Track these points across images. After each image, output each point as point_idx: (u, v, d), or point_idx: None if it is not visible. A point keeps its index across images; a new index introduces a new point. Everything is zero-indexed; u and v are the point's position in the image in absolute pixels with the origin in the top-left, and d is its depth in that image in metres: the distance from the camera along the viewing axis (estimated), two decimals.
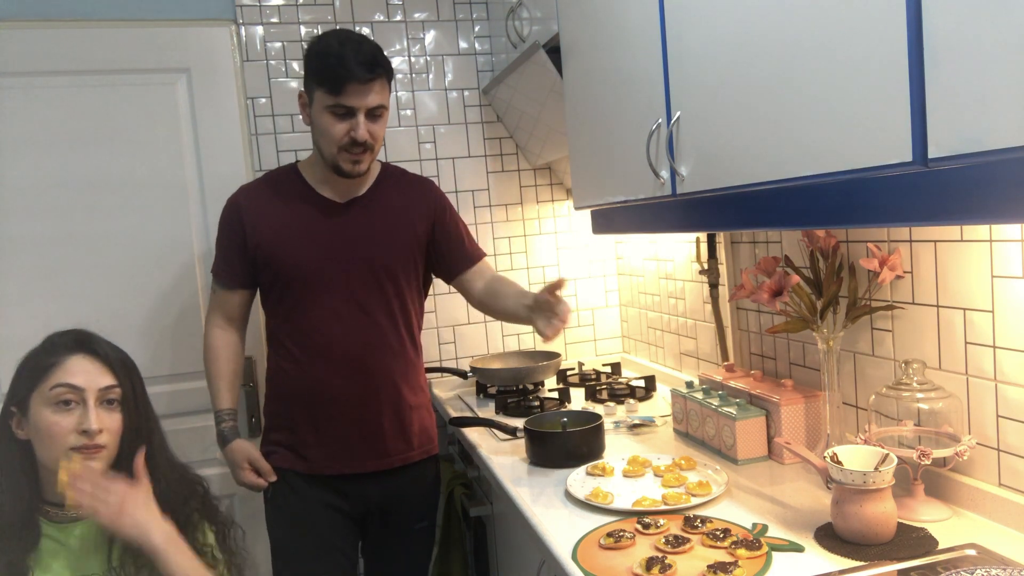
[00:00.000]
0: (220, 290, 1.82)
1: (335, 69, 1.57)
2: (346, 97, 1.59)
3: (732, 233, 1.97)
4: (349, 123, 1.62)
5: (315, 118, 1.65)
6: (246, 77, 2.43)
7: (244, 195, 1.79)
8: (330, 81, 1.58)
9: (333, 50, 1.58)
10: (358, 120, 1.62)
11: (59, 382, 1.26)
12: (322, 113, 1.62)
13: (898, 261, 1.38)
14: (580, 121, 1.81)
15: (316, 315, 1.73)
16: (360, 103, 1.61)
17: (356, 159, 1.66)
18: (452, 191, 2.62)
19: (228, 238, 1.78)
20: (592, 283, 2.77)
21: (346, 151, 1.64)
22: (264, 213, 1.75)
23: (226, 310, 1.82)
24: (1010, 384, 1.21)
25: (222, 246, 1.80)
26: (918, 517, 1.26)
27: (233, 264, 1.78)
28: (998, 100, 0.72)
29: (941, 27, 0.78)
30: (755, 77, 1.10)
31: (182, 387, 2.38)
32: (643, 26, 1.43)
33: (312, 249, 1.72)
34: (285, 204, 1.75)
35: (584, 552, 1.25)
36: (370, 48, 1.61)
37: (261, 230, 1.73)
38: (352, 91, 1.59)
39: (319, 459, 1.77)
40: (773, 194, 1.14)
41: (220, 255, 1.81)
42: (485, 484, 1.96)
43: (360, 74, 1.58)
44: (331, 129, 1.62)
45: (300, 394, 1.77)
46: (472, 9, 2.61)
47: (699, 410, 1.75)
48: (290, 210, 1.75)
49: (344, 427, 1.75)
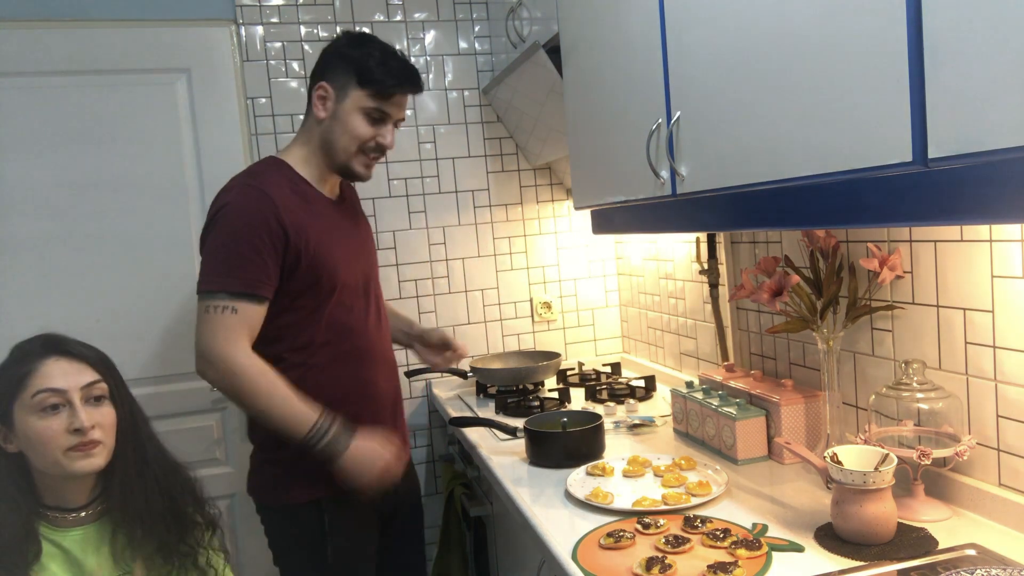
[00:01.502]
0: (251, 306, 1.48)
1: (385, 77, 1.58)
2: (389, 104, 1.60)
3: (732, 233, 1.97)
4: (378, 128, 1.61)
5: (342, 115, 1.59)
6: (246, 77, 2.43)
7: (274, 190, 1.53)
8: (378, 85, 1.57)
9: (379, 58, 1.58)
10: (388, 128, 1.63)
11: (39, 388, 1.23)
12: (354, 112, 1.59)
13: (898, 261, 1.38)
14: (580, 121, 1.81)
15: (355, 318, 1.66)
16: (396, 113, 1.63)
17: (369, 164, 1.65)
18: (452, 191, 2.63)
19: (268, 242, 1.49)
20: (592, 283, 2.77)
21: (364, 154, 1.63)
22: (299, 213, 1.55)
23: (252, 329, 1.50)
24: (1010, 384, 1.21)
25: (257, 252, 1.48)
26: (918, 517, 1.26)
27: (271, 273, 1.51)
28: (998, 100, 0.72)
29: (941, 27, 0.78)
30: (755, 77, 1.10)
31: (182, 387, 2.38)
32: (643, 26, 1.43)
33: (344, 251, 1.65)
34: (307, 203, 1.60)
35: (584, 552, 1.25)
36: (411, 65, 1.64)
37: (304, 233, 1.53)
38: (397, 101, 1.61)
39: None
40: (773, 194, 1.14)
41: (254, 263, 1.48)
42: (485, 484, 1.96)
43: (408, 87, 1.61)
44: (360, 129, 1.59)
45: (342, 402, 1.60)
46: (472, 9, 2.61)
47: (699, 410, 1.75)
48: (314, 210, 1.61)
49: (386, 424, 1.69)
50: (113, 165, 2.32)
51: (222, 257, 1.49)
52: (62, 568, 1.27)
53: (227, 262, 1.48)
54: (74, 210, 2.29)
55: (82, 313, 2.26)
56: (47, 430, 1.23)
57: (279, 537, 1.65)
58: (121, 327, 2.31)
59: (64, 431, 1.24)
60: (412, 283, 2.59)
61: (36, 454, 1.25)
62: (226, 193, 1.55)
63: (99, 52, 2.30)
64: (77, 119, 2.28)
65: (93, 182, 2.30)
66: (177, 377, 2.37)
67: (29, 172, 2.25)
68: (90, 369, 1.29)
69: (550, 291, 2.73)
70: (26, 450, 1.25)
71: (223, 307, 1.47)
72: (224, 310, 1.47)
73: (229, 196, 1.53)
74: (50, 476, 1.26)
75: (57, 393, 1.24)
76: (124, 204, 2.33)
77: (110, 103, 2.31)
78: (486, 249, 2.67)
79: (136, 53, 2.33)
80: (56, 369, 1.26)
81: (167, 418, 2.28)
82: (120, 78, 2.31)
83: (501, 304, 2.69)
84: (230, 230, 1.49)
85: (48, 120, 2.26)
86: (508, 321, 2.70)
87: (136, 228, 2.34)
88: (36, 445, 1.24)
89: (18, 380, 1.24)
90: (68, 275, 2.29)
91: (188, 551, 1.35)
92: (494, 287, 2.68)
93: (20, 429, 1.24)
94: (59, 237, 2.28)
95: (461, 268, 2.64)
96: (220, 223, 1.50)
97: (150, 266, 2.35)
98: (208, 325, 1.48)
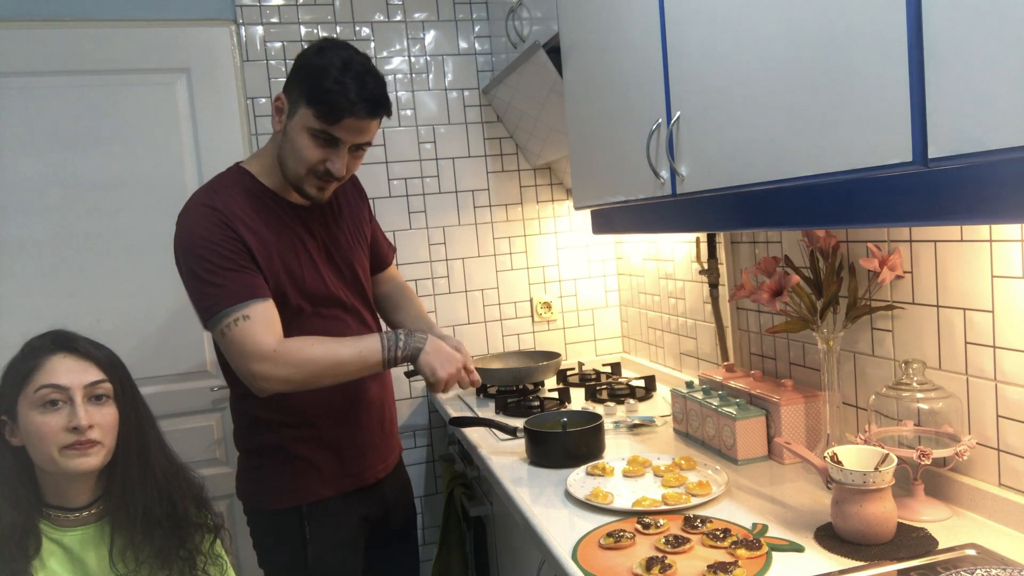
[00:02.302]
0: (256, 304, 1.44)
1: (334, 97, 1.40)
2: (337, 129, 1.43)
3: (732, 233, 1.97)
4: (328, 152, 1.46)
5: (291, 133, 1.47)
6: (246, 77, 2.43)
7: (222, 203, 1.49)
8: (324, 107, 1.41)
9: (334, 74, 1.41)
10: (340, 152, 1.47)
11: (42, 383, 1.24)
12: (302, 132, 1.45)
13: (898, 261, 1.38)
14: (580, 121, 1.81)
15: (338, 326, 1.62)
16: (350, 138, 1.46)
17: (323, 187, 1.52)
18: (452, 191, 2.63)
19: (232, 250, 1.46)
20: (592, 283, 2.77)
21: (315, 177, 1.49)
22: (255, 227, 1.50)
23: (273, 324, 1.46)
24: (1010, 384, 1.21)
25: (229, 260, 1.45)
26: (918, 517, 1.26)
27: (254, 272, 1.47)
28: (998, 100, 0.72)
29: (941, 27, 0.78)
30: (755, 77, 1.10)
31: (182, 387, 2.38)
32: (643, 26, 1.43)
33: (310, 262, 1.58)
34: (266, 216, 1.53)
35: (584, 552, 1.25)
36: (375, 83, 1.45)
37: (261, 247, 1.50)
38: (347, 125, 1.43)
39: (356, 471, 1.66)
40: (773, 194, 1.14)
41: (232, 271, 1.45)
42: (485, 484, 1.96)
43: (361, 112, 1.42)
44: (306, 152, 1.46)
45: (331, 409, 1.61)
46: (472, 9, 2.61)
47: (699, 410, 1.75)
48: (275, 222, 1.54)
49: (373, 431, 1.69)
50: (113, 165, 2.32)
51: (204, 282, 1.45)
52: (62, 566, 1.27)
53: (210, 284, 1.44)
54: (74, 210, 2.29)
55: (82, 313, 2.26)
56: (45, 426, 1.23)
57: (262, 541, 1.65)
58: (121, 327, 2.31)
59: (62, 428, 1.24)
60: (412, 283, 2.59)
61: (34, 449, 1.25)
62: (183, 216, 1.51)
63: (99, 52, 2.30)
64: (77, 119, 2.29)
65: (93, 182, 2.30)
66: (177, 377, 2.38)
67: (29, 172, 2.25)
68: (96, 368, 1.29)
69: (550, 291, 2.73)
70: (27, 444, 1.26)
71: (234, 320, 1.42)
72: (236, 322, 1.42)
73: (185, 220, 1.50)
74: (50, 473, 1.26)
75: (59, 390, 1.25)
76: (124, 204, 2.33)
77: (110, 103, 2.31)
78: (486, 249, 2.67)
79: (136, 53, 2.33)
80: (61, 366, 1.27)
81: (167, 418, 2.28)
82: (120, 78, 2.32)
83: (501, 304, 2.69)
84: (196, 256, 1.45)
85: (48, 120, 2.26)
86: (508, 321, 2.70)
87: (136, 228, 2.34)
88: (34, 440, 1.24)
89: (24, 374, 1.25)
90: (68, 275, 2.29)
91: (187, 556, 1.35)
92: (494, 287, 2.68)
93: (22, 423, 1.25)
94: (59, 237, 2.28)
95: (461, 268, 2.64)
96: (186, 254, 1.47)
97: (150, 266, 2.35)
98: (232, 344, 1.43)
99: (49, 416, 1.24)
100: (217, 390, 2.44)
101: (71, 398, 1.25)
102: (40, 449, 1.24)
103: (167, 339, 2.38)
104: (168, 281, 2.36)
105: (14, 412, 1.26)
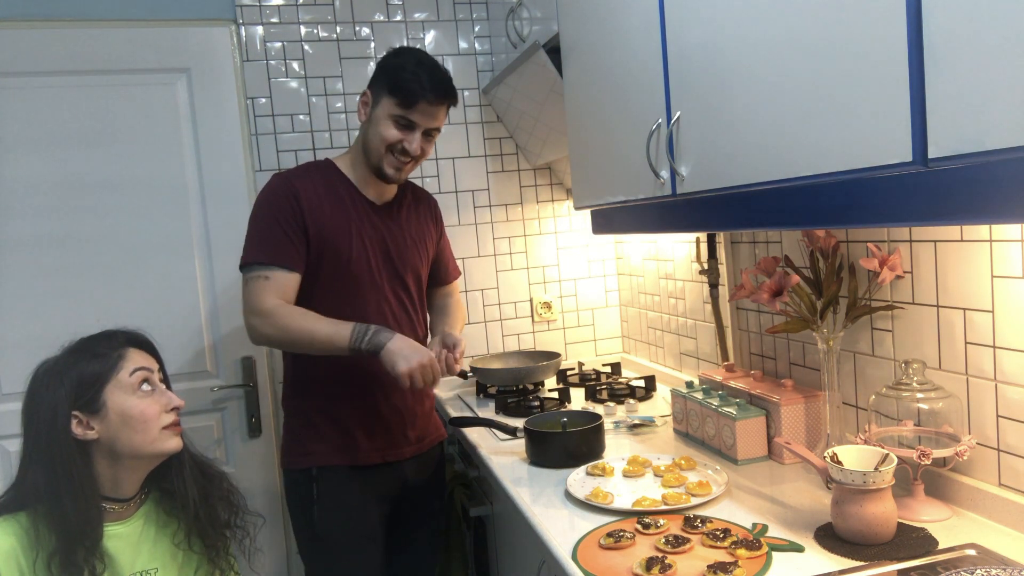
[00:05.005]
0: (280, 271, 1.68)
1: (411, 85, 1.67)
2: (414, 112, 1.70)
3: (732, 233, 1.97)
4: (405, 134, 1.72)
5: (375, 120, 1.73)
6: (246, 77, 2.43)
7: (298, 181, 1.75)
8: (402, 94, 1.68)
9: (410, 68, 1.69)
10: (415, 135, 1.72)
11: (137, 366, 1.31)
12: (384, 118, 1.71)
13: (898, 261, 1.38)
14: (580, 121, 1.81)
15: (370, 308, 1.77)
16: (423, 121, 1.71)
17: (400, 166, 1.75)
18: (452, 191, 2.63)
19: (287, 220, 1.70)
20: (592, 283, 2.77)
21: (393, 155, 1.73)
22: (321, 203, 1.74)
23: (284, 292, 1.69)
24: (1010, 384, 1.21)
25: (280, 227, 1.70)
26: (918, 517, 1.26)
27: (296, 245, 1.71)
28: (998, 100, 0.72)
29: (941, 27, 0.78)
30: (755, 77, 1.10)
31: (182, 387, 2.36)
32: (643, 26, 1.43)
33: (365, 245, 1.77)
34: (337, 198, 1.77)
35: (584, 552, 1.25)
36: (444, 75, 1.72)
37: (321, 219, 1.73)
38: (421, 109, 1.69)
39: (368, 450, 1.79)
40: (773, 194, 1.14)
41: (278, 236, 1.70)
42: (485, 484, 1.96)
43: (432, 97, 1.69)
44: (387, 133, 1.71)
45: (351, 385, 1.78)
46: (472, 9, 2.61)
47: (699, 410, 1.75)
48: (343, 205, 1.77)
49: (391, 415, 1.81)
50: (113, 165, 2.32)
51: (253, 237, 1.73)
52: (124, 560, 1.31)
53: (255, 240, 1.72)
54: (74, 210, 2.29)
55: (82, 313, 2.26)
56: (150, 408, 1.30)
57: (287, 497, 1.86)
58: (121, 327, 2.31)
59: (163, 409, 1.31)
60: None
61: (132, 433, 1.28)
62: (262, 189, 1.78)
63: (99, 52, 2.30)
64: (77, 119, 2.28)
65: (93, 182, 2.30)
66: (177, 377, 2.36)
67: (29, 172, 2.25)
68: (154, 359, 1.38)
69: (550, 291, 2.73)
70: (120, 431, 1.28)
71: (257, 276, 1.68)
72: (258, 278, 1.68)
73: (266, 185, 1.77)
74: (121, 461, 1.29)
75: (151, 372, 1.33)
76: (124, 204, 2.33)
77: (110, 103, 2.31)
78: (486, 249, 2.67)
79: (136, 53, 2.33)
80: (139, 355, 1.35)
81: None
82: (120, 78, 2.32)
83: (501, 304, 2.69)
84: (258, 215, 1.73)
85: (48, 120, 2.26)
86: (508, 321, 2.70)
87: (136, 228, 2.34)
88: (136, 424, 1.28)
89: (113, 363, 1.30)
90: (68, 275, 2.29)
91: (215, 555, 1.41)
92: (494, 287, 2.68)
93: (117, 410, 1.27)
94: (59, 237, 2.28)
95: (461, 268, 2.64)
96: (253, 211, 1.75)
97: (150, 266, 2.35)
98: (247, 293, 1.70)
99: (148, 400, 1.30)
100: (217, 390, 2.44)
101: (155, 384, 1.33)
102: (143, 431, 1.28)
103: (167, 339, 2.35)
104: (168, 281, 2.38)
105: (95, 403, 1.27)
